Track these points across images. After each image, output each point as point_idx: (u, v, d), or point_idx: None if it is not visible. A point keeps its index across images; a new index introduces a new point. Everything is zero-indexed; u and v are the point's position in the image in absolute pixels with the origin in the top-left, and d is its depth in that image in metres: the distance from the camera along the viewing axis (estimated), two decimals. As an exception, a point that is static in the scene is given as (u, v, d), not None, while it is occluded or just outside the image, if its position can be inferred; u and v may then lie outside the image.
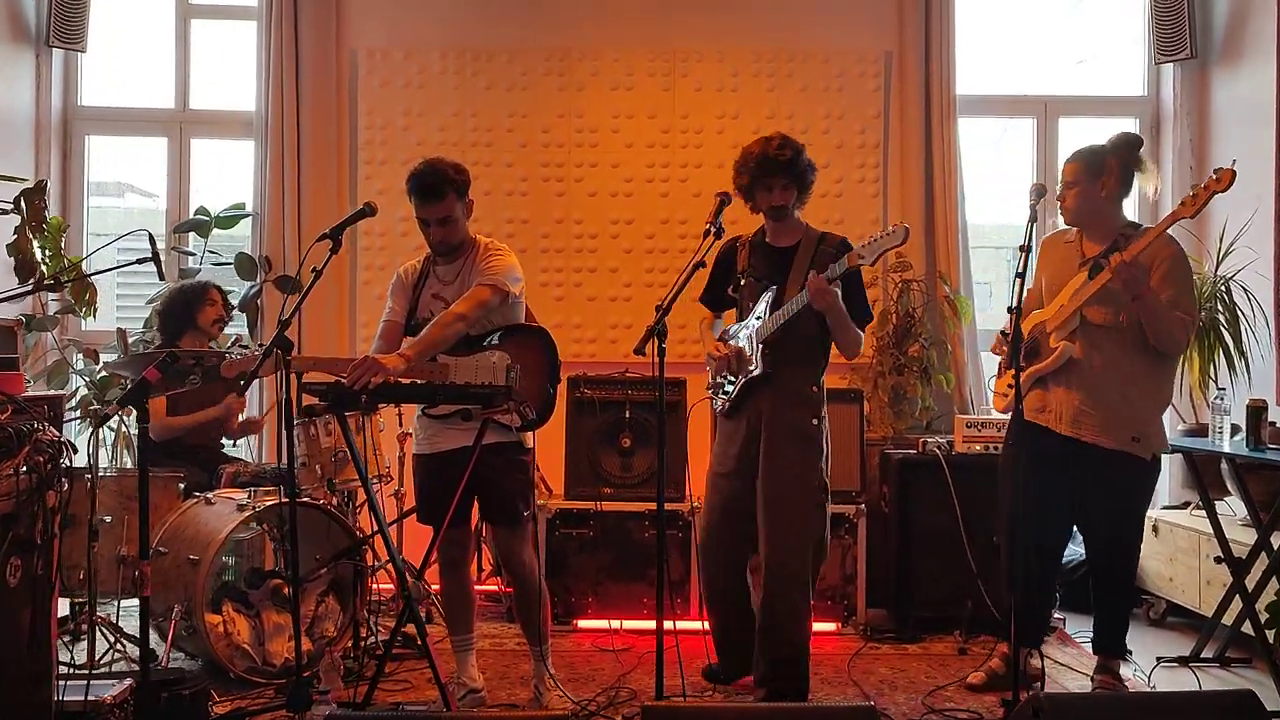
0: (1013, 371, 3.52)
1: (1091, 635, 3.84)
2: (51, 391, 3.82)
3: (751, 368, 3.52)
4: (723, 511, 3.60)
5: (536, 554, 3.54)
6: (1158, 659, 4.05)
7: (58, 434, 2.79)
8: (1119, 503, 3.61)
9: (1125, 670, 3.98)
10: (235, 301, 5.03)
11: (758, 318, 3.55)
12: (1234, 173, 3.36)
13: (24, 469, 2.65)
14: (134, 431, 4.81)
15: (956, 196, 5.43)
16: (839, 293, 3.40)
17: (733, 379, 3.60)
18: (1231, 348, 4.83)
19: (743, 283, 3.66)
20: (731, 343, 3.65)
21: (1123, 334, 3.54)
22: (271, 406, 5.12)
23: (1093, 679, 3.74)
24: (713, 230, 3.34)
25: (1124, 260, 3.39)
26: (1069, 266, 3.65)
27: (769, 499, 3.46)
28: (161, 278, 3.85)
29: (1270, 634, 3.66)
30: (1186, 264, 3.60)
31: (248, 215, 5.46)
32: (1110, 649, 3.73)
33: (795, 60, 5.51)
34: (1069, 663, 4.09)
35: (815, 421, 3.50)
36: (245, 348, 3.76)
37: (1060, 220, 3.82)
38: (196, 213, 5.42)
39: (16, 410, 2.68)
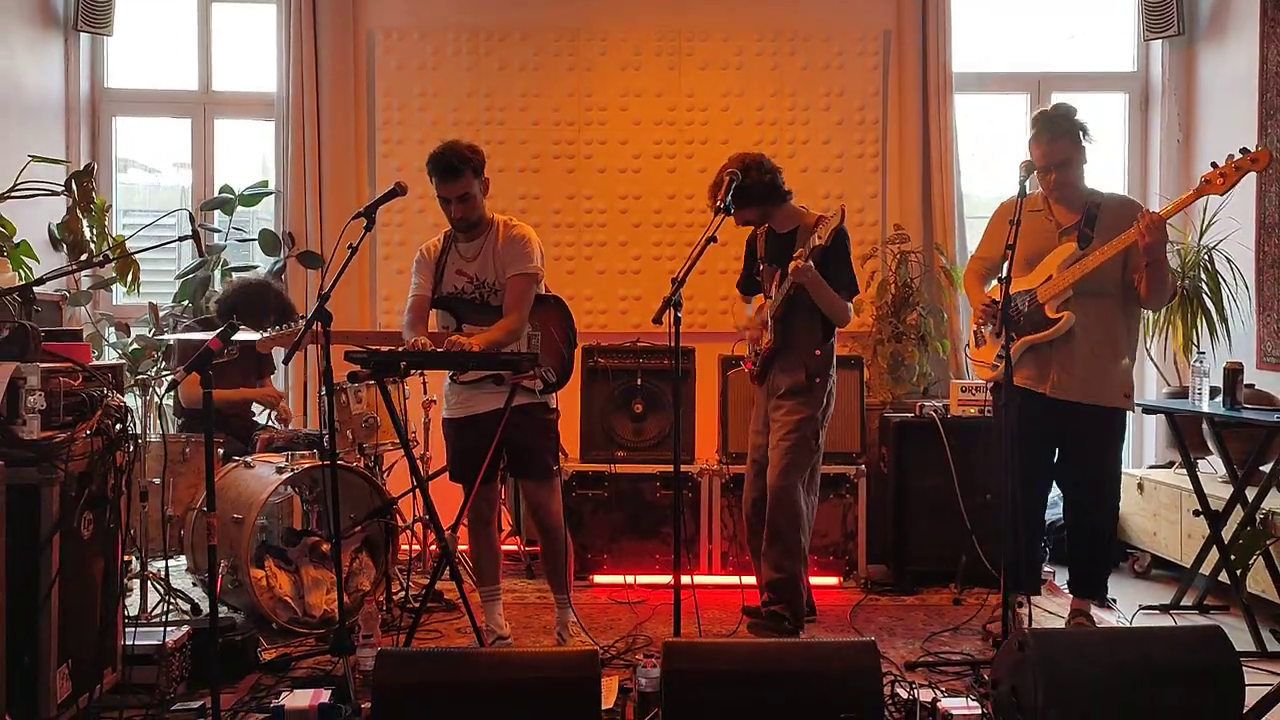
0: (1002, 341, 3.73)
1: (1072, 582, 3.99)
2: (113, 361, 4.05)
3: (767, 341, 3.97)
4: (755, 463, 4.09)
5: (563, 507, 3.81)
6: (1140, 606, 4.32)
7: (123, 399, 3.03)
8: (1108, 454, 3.84)
9: (1109, 617, 4.24)
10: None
11: (769, 297, 3.99)
12: (1271, 154, 3.50)
13: (94, 431, 2.90)
14: (168, 402, 5.05)
15: (952, 170, 5.65)
16: (811, 266, 3.74)
17: (760, 349, 4.04)
18: (1214, 314, 5.06)
19: (761, 268, 4.11)
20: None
21: (1106, 300, 3.75)
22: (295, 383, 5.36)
23: (1068, 621, 3.95)
24: (722, 208, 3.57)
25: (1154, 222, 3.51)
26: (1045, 236, 3.79)
27: (771, 444, 3.96)
28: (201, 254, 4.09)
29: (1238, 574, 3.89)
30: None
31: (271, 193, 5.67)
32: (1094, 591, 3.96)
33: (797, 39, 5.70)
34: (1058, 611, 4.34)
35: (818, 380, 3.93)
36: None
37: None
38: (221, 191, 5.63)
39: (87, 378, 2.92)
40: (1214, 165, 3.56)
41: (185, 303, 5.43)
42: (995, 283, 3.98)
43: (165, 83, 5.87)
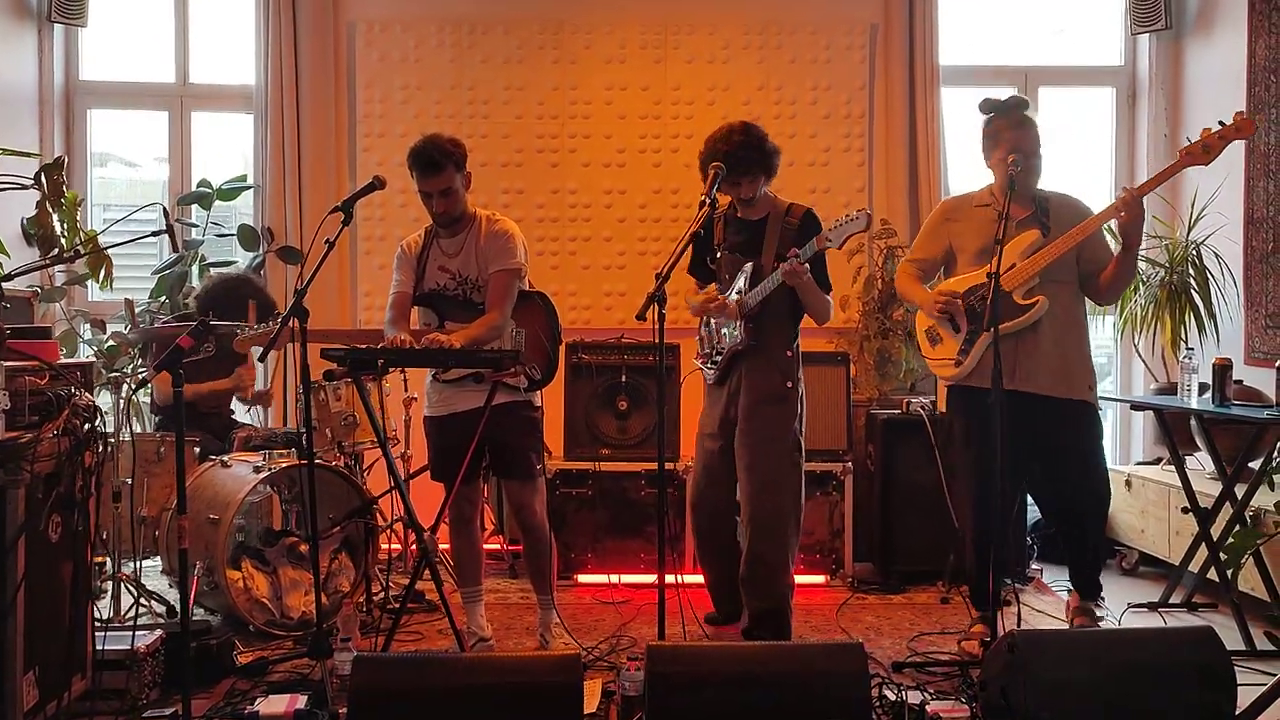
0: (963, 339, 3.71)
1: (1073, 580, 3.89)
2: (82, 359, 3.97)
3: (736, 340, 3.75)
4: (707, 470, 3.87)
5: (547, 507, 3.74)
6: (1128, 604, 4.29)
7: (92, 398, 2.95)
8: (1084, 449, 3.74)
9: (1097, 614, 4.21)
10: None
11: (738, 291, 3.75)
12: (1254, 122, 3.43)
13: (61, 431, 2.82)
14: (144, 399, 4.96)
15: (939, 165, 5.60)
16: (807, 269, 3.58)
17: (722, 347, 3.82)
18: (1202, 309, 5.03)
19: (719, 255, 3.87)
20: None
21: (1067, 289, 3.69)
22: (274, 385, 5.26)
23: (1071, 622, 3.87)
24: (708, 202, 3.47)
25: (1135, 196, 3.46)
26: (996, 228, 3.56)
27: (747, 458, 3.71)
28: (175, 250, 4.02)
29: (1229, 573, 3.85)
30: None
31: (249, 187, 5.59)
32: (1092, 589, 3.85)
33: (784, 32, 5.65)
34: (1045, 609, 4.31)
35: (790, 385, 3.73)
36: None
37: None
38: (199, 185, 5.54)
39: (54, 377, 2.84)
40: (1189, 140, 3.49)
41: (162, 299, 5.34)
42: (943, 280, 3.90)
43: (141, 75, 5.77)
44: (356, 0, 5.63)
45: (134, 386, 3.11)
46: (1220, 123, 3.46)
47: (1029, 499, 4.08)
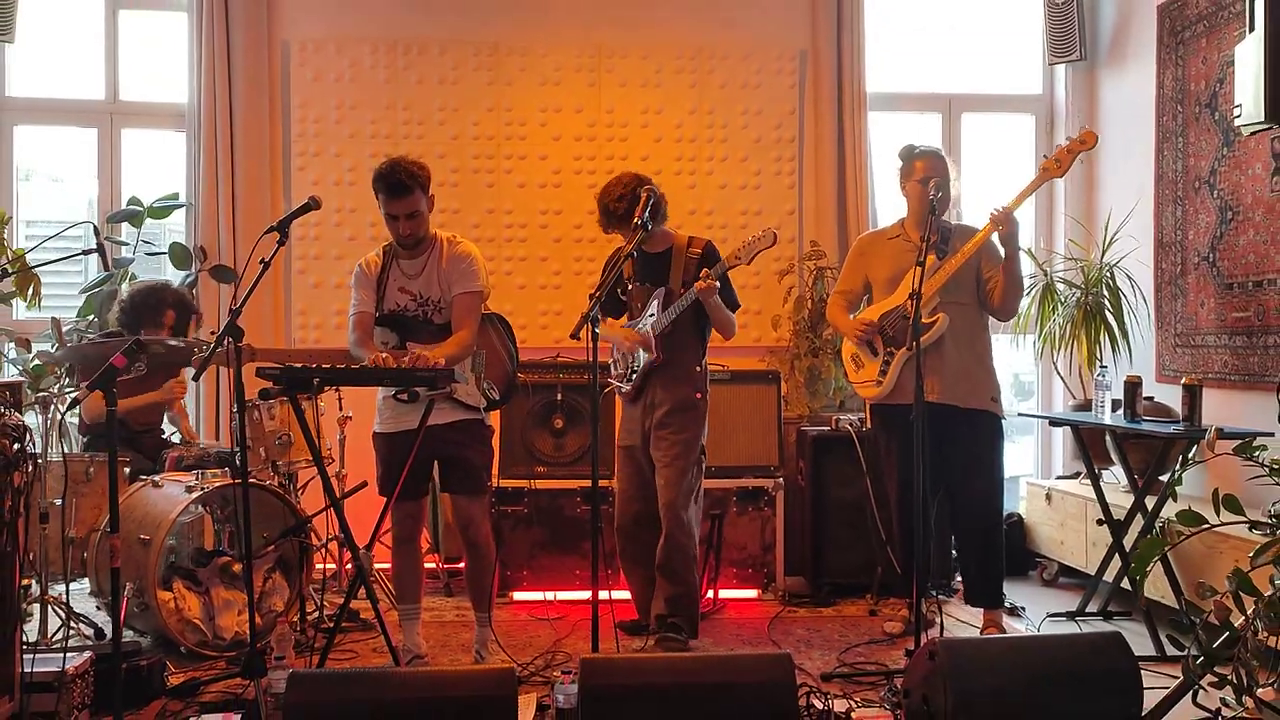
0: (881, 361, 4.11)
1: (967, 595, 4.24)
2: (11, 379, 3.91)
3: (650, 357, 4.02)
4: (629, 478, 4.15)
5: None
6: (1047, 614, 4.44)
7: (20, 418, 2.93)
8: (986, 458, 4.09)
9: (1018, 625, 4.35)
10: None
11: (651, 315, 4.03)
12: (1095, 134, 3.98)
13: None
14: (71, 420, 4.88)
15: (867, 188, 5.76)
16: (719, 286, 3.91)
17: (637, 366, 4.07)
18: (1116, 329, 5.23)
19: (630, 288, 4.14)
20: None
21: (967, 308, 4.07)
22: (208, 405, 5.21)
23: (981, 633, 4.10)
24: (640, 224, 3.60)
25: (1007, 211, 3.87)
26: (904, 257, 4.08)
27: (663, 455, 4.01)
28: (107, 269, 3.99)
29: (1138, 579, 4.01)
30: None
31: (181, 205, 5.53)
32: (993, 600, 4.14)
33: (716, 58, 5.77)
34: (970, 620, 4.43)
35: (699, 395, 4.07)
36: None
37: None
38: (129, 203, 5.48)
39: (-19, 397, 2.82)
40: (1045, 157, 3.99)
41: (90, 317, 5.27)
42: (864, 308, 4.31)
43: (70, 92, 5.69)
44: (290, 20, 5.63)
45: (65, 407, 3.07)
46: (1068, 138, 4.06)
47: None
